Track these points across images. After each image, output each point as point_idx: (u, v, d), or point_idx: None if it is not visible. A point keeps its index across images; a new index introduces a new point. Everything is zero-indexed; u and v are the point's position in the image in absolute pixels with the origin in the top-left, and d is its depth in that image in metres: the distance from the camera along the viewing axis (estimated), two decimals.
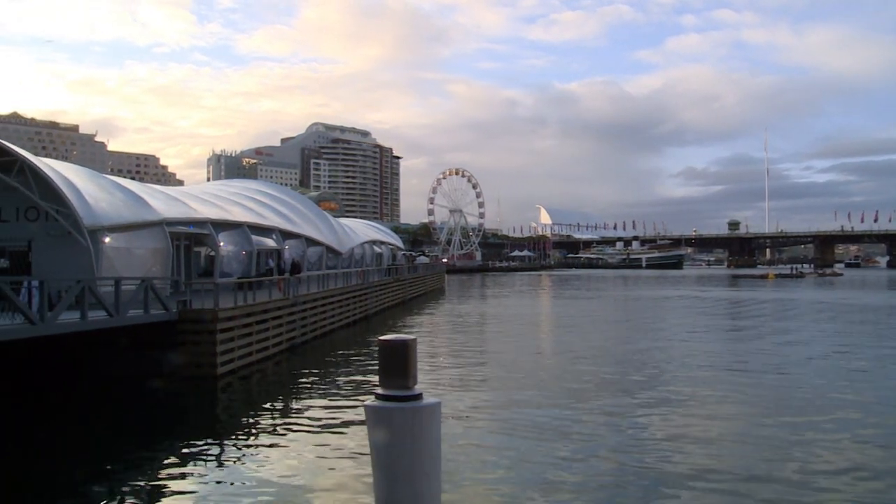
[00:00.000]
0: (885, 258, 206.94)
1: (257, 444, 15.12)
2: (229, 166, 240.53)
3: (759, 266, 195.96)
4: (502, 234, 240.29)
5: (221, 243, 34.19)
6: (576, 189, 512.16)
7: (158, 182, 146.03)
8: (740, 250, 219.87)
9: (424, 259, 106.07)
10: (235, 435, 16.23)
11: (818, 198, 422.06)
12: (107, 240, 24.65)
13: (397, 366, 4.22)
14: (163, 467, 13.50)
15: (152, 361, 20.86)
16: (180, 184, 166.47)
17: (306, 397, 20.05)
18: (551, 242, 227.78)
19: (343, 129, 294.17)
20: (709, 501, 10.92)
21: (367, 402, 4.26)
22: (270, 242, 39.50)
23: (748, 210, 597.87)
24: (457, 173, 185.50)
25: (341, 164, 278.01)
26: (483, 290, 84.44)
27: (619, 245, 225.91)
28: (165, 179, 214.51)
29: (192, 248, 34.43)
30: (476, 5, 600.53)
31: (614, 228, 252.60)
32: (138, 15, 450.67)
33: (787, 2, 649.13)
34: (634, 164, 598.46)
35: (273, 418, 17.89)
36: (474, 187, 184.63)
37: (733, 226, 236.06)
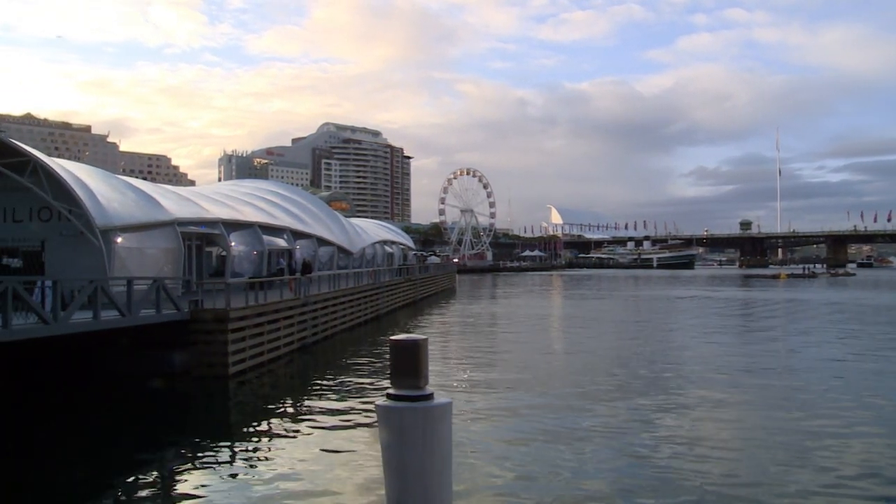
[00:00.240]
0: None
1: (268, 443, 15.17)
2: (240, 166, 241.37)
3: (770, 266, 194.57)
4: (513, 234, 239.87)
5: (233, 243, 34.29)
6: (587, 189, 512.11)
7: (170, 182, 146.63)
8: (752, 250, 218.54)
9: (435, 259, 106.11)
10: (246, 434, 16.27)
11: (831, 197, 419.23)
12: (119, 240, 24.77)
13: (409, 365, 4.21)
14: (173, 466, 13.57)
15: (164, 361, 21.01)
16: (191, 184, 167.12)
17: (317, 397, 20.06)
18: (562, 242, 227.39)
19: (354, 129, 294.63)
20: None
21: (379, 402, 4.25)
22: (281, 242, 39.60)
23: (760, 210, 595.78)
24: (467, 173, 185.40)
25: (352, 164, 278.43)
26: (494, 290, 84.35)
27: (630, 245, 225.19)
28: (177, 180, 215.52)
29: (203, 248, 34.59)
30: (485, 5, 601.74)
31: (625, 228, 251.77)
32: (149, 16, 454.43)
33: (799, 0, 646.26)
34: (645, 164, 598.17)
35: (284, 418, 17.91)
36: (485, 187, 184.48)
37: (745, 226, 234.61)
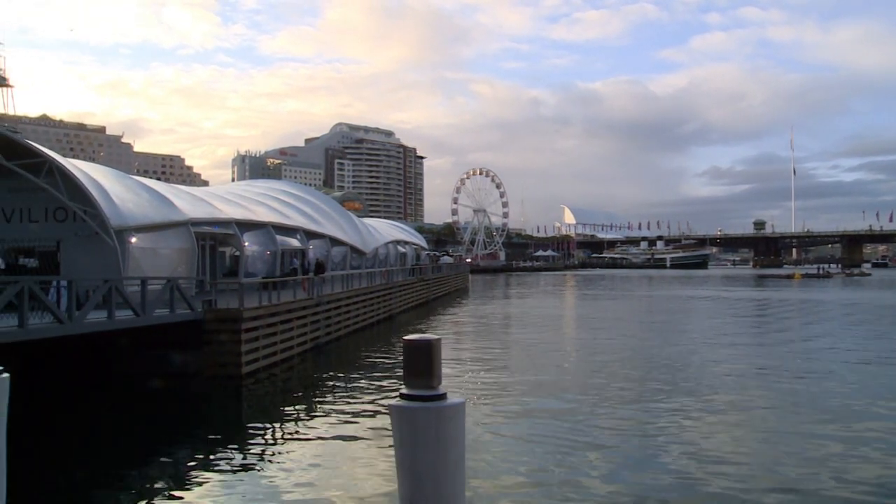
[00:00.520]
0: None
1: (281, 443, 15.22)
2: (254, 167, 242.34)
3: (784, 266, 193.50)
4: (526, 233, 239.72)
5: (246, 243, 34.40)
6: (600, 189, 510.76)
7: (184, 182, 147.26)
8: (766, 250, 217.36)
9: (448, 259, 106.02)
10: (260, 434, 16.30)
11: (845, 197, 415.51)
12: (133, 240, 24.90)
13: (422, 365, 4.18)
14: (187, 466, 13.62)
15: (177, 361, 21.09)
16: (205, 184, 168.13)
17: (330, 397, 20.10)
18: (575, 242, 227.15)
19: (367, 130, 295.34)
20: None
21: (392, 402, 4.24)
22: (295, 242, 39.69)
23: (774, 209, 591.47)
24: (481, 173, 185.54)
25: (365, 165, 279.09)
26: (507, 290, 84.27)
27: (644, 245, 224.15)
28: (191, 180, 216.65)
29: (217, 248, 34.74)
30: (498, 5, 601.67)
31: (639, 228, 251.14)
32: (163, 17, 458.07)
33: None
34: (659, 164, 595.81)
35: (297, 418, 17.93)
36: (498, 187, 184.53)
37: (759, 225, 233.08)
